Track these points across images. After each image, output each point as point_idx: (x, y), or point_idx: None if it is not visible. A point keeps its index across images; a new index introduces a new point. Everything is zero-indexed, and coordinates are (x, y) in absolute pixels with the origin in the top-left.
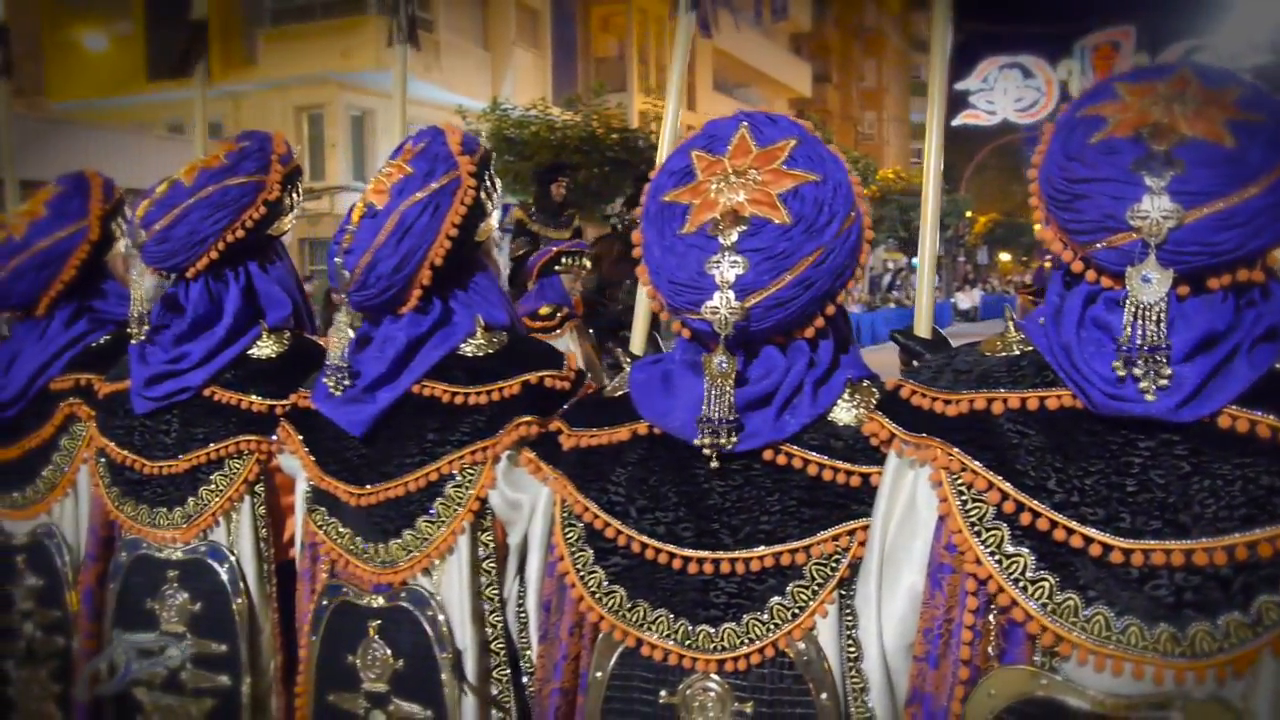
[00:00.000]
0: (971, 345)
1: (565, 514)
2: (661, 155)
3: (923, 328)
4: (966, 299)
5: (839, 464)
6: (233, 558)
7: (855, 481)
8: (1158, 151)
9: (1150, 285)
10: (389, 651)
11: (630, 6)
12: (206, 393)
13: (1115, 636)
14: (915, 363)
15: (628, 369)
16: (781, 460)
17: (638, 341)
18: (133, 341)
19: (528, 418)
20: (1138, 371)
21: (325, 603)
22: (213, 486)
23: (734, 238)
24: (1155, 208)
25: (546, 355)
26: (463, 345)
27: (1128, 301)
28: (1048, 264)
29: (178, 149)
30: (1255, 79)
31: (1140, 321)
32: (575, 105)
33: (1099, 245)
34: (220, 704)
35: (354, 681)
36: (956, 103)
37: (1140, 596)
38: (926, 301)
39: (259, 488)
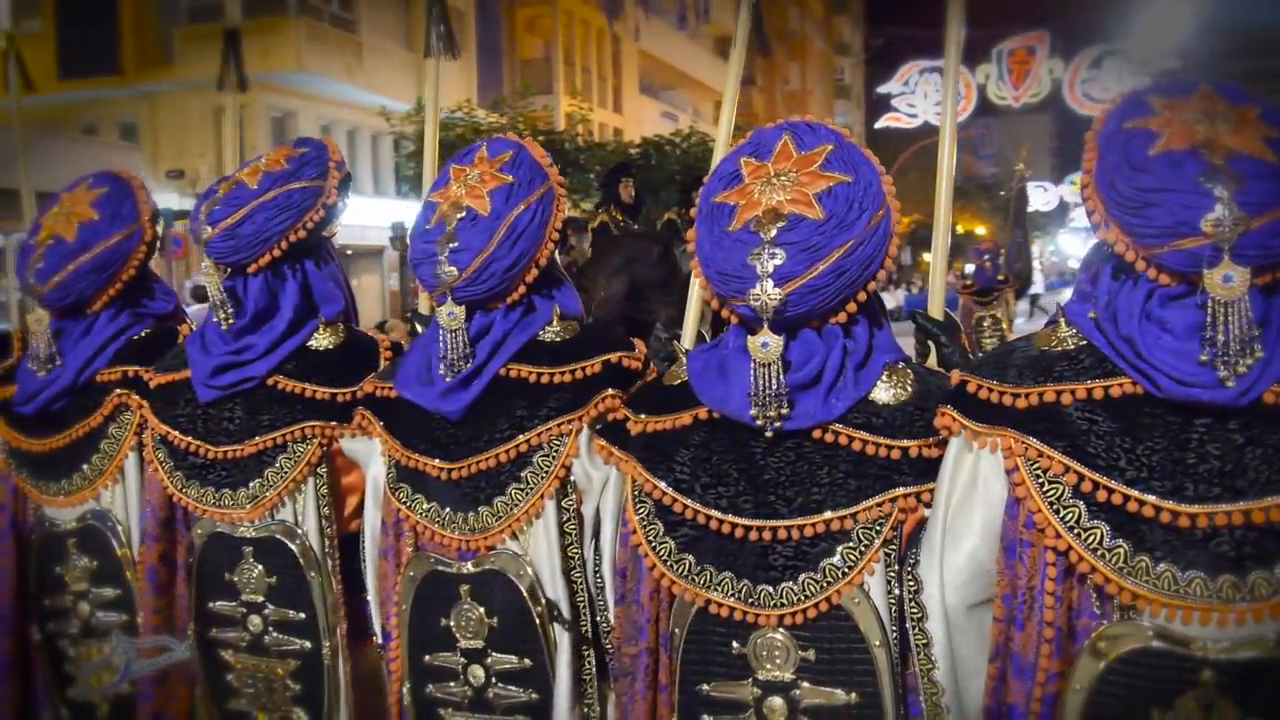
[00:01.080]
0: (1026, 340)
1: (636, 492)
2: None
3: (936, 310)
4: (890, 299)
5: (880, 440)
6: (302, 533)
7: (895, 455)
8: (1218, 165)
9: (1232, 283)
10: (482, 611)
11: (556, 8)
12: (270, 382)
13: (1181, 589)
14: (930, 342)
15: (684, 358)
16: (829, 438)
17: (689, 336)
18: (223, 327)
19: (611, 391)
20: (1227, 362)
21: (413, 574)
22: (278, 468)
23: (773, 233)
24: (1228, 216)
25: (619, 339)
26: (541, 332)
27: (1210, 300)
28: (986, 264)
29: (93, 151)
30: None
31: (1227, 316)
32: (501, 107)
33: (1165, 248)
34: (304, 664)
35: (450, 642)
36: (878, 106)
37: (1205, 554)
38: (939, 287)
39: (321, 469)
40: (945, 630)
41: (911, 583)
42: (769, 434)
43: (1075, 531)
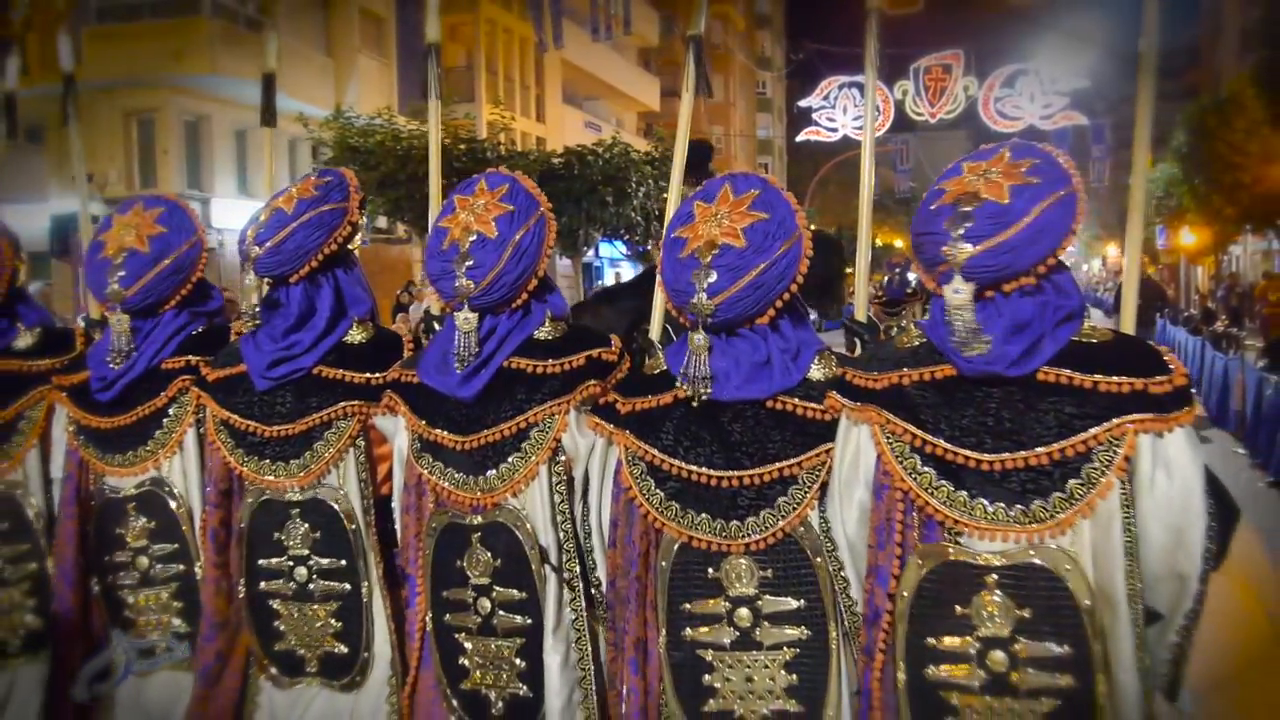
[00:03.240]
0: (889, 341)
1: (629, 457)
2: (671, 205)
3: (861, 315)
4: (811, 310)
5: (816, 406)
6: (344, 494)
7: (828, 418)
8: (962, 211)
9: (960, 294)
10: (489, 554)
11: (478, 16)
12: (315, 370)
13: (989, 516)
14: (857, 340)
15: (661, 352)
16: (779, 407)
17: (655, 331)
18: (245, 331)
19: (592, 381)
20: (965, 345)
21: (434, 525)
22: (325, 442)
23: (709, 259)
24: (956, 248)
25: (599, 337)
26: (536, 332)
27: (947, 306)
28: (896, 276)
29: None
30: (1073, 102)
31: (959, 315)
32: (422, 114)
33: (936, 272)
34: (344, 604)
35: (463, 579)
36: (800, 119)
37: (1002, 490)
38: (861, 295)
39: (360, 442)
40: (850, 555)
41: (825, 522)
42: (695, 405)
43: (913, 476)
